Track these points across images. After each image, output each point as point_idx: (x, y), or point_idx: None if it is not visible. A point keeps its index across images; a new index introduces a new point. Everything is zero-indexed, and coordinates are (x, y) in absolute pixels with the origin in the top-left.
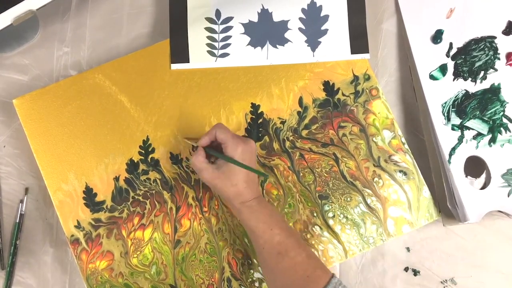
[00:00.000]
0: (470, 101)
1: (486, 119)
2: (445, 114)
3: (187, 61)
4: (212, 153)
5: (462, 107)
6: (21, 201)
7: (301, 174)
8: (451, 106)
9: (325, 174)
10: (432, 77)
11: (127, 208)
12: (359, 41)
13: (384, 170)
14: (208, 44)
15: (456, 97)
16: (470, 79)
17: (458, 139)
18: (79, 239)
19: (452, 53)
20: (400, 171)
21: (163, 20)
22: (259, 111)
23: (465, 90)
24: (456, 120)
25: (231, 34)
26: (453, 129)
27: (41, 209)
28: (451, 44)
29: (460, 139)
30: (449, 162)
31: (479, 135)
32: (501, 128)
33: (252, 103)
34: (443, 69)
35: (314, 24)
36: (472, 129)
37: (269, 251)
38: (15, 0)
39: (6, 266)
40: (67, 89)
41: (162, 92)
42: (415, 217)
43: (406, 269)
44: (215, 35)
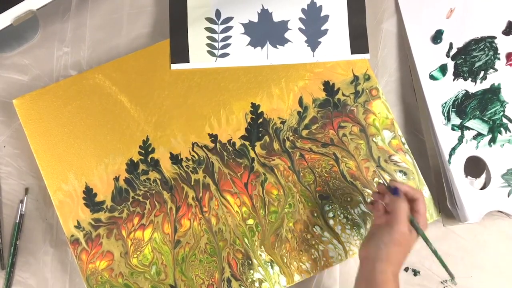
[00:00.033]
0: (470, 101)
1: (486, 119)
2: (445, 114)
3: (187, 61)
4: (415, 225)
5: (462, 107)
6: (21, 201)
7: (301, 174)
8: (451, 106)
9: (325, 174)
10: (432, 77)
11: (127, 208)
12: (359, 41)
13: (384, 170)
14: (208, 44)
15: (456, 97)
16: (470, 79)
17: (458, 139)
18: (79, 239)
19: (452, 53)
20: (400, 171)
21: (163, 20)
22: (259, 111)
23: (465, 90)
24: (456, 120)
25: (231, 34)
26: (453, 129)
27: (41, 209)
28: (451, 44)
29: (460, 139)
30: (449, 162)
31: (479, 135)
32: (501, 128)
33: (252, 103)
34: (443, 69)
35: (314, 24)
36: (472, 129)
37: None
38: (15, 0)
39: (6, 266)
40: (67, 89)
41: (162, 92)
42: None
43: (406, 269)
44: (215, 35)
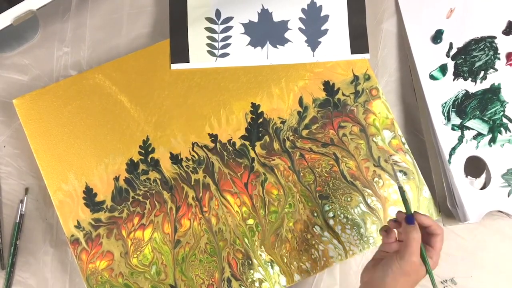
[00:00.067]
0: (470, 101)
1: (486, 119)
2: (445, 114)
3: (187, 61)
4: (425, 259)
5: (462, 107)
6: (21, 201)
7: (302, 174)
8: (451, 106)
9: (325, 174)
10: (432, 77)
11: (127, 208)
12: (359, 41)
13: (384, 170)
14: (208, 44)
15: (456, 97)
16: (470, 79)
17: (458, 139)
18: (79, 239)
19: (452, 53)
20: (400, 171)
21: (163, 20)
22: (259, 111)
23: (465, 90)
24: (456, 120)
25: (231, 34)
26: (453, 129)
27: (41, 209)
28: (451, 44)
29: (460, 139)
30: (449, 162)
31: (479, 135)
32: (501, 128)
33: (252, 103)
34: (443, 69)
35: (314, 24)
36: (472, 129)
37: None
38: (15, 0)
39: (6, 266)
40: (67, 89)
41: (162, 92)
42: None
43: None
44: (215, 35)
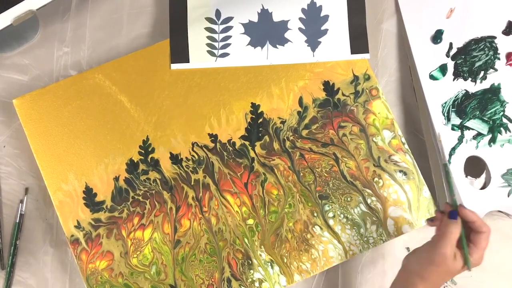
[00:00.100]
0: (470, 101)
1: (486, 119)
2: (445, 114)
3: (187, 61)
4: (465, 255)
5: (462, 107)
6: (21, 201)
7: (301, 174)
8: (451, 106)
9: (325, 174)
10: (432, 77)
11: (127, 208)
12: (359, 41)
13: (384, 170)
14: (208, 44)
15: (456, 97)
16: (470, 79)
17: (458, 139)
18: (79, 239)
19: (452, 53)
20: (400, 171)
21: (163, 20)
22: (259, 111)
23: (465, 90)
24: (456, 120)
25: (231, 34)
26: (453, 129)
27: (41, 209)
28: (451, 44)
29: (460, 139)
30: (449, 162)
31: (479, 135)
32: (501, 128)
33: (252, 103)
34: (443, 69)
35: (314, 24)
36: (472, 129)
37: None
38: (15, 0)
39: (6, 266)
40: (67, 89)
41: (162, 92)
42: (415, 217)
43: None
44: (215, 35)
